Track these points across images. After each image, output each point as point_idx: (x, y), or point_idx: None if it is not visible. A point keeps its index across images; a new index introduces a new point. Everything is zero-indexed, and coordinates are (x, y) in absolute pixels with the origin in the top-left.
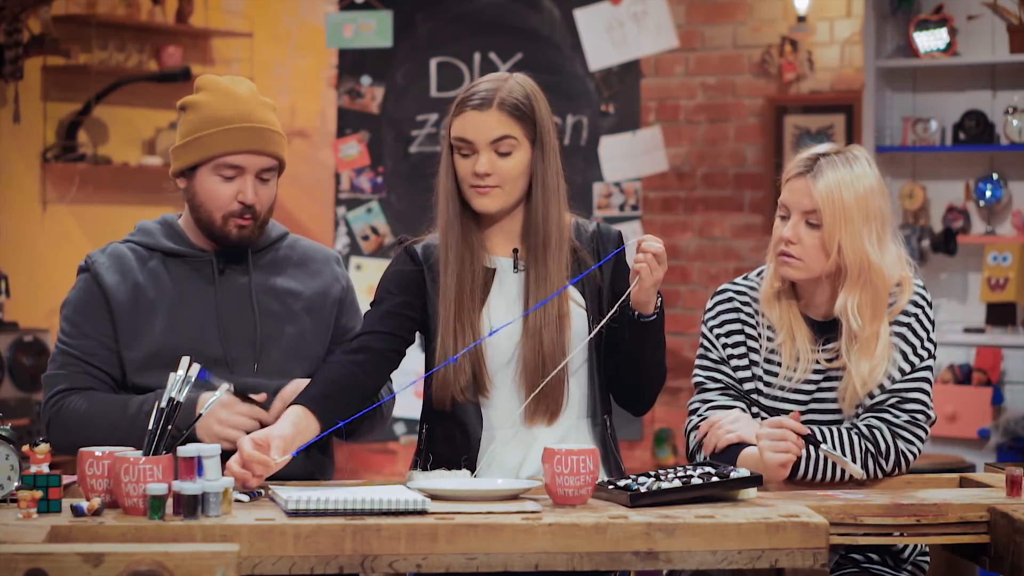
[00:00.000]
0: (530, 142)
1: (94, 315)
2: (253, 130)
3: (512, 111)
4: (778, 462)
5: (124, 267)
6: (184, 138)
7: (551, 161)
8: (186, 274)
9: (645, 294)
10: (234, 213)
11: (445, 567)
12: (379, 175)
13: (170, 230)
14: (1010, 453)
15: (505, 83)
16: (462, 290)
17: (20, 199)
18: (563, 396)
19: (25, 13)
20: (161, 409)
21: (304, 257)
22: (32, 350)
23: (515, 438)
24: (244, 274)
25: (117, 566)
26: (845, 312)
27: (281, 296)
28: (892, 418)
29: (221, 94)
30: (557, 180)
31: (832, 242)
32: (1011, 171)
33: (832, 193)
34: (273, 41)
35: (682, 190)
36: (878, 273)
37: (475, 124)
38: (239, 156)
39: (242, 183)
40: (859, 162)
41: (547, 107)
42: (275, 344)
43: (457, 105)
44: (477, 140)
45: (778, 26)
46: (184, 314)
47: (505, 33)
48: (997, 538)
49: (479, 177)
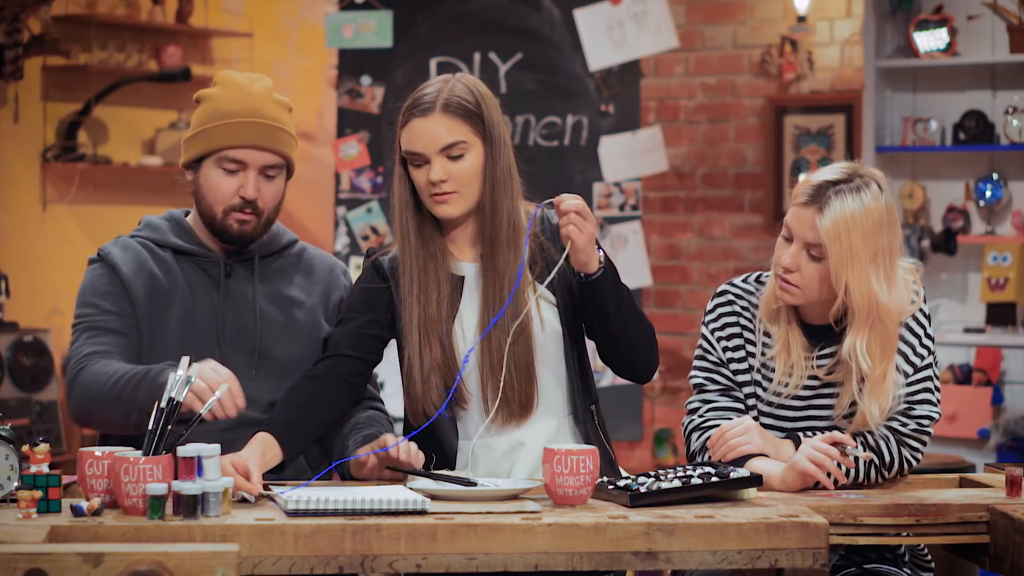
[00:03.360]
0: (481, 140)
1: (116, 296)
2: (258, 125)
3: (457, 111)
4: (809, 471)
5: (139, 260)
6: (193, 130)
7: (500, 156)
8: (195, 273)
9: (583, 254)
10: (235, 207)
11: (445, 567)
12: (379, 175)
13: (179, 227)
14: (1010, 453)
15: (447, 84)
16: (428, 304)
17: (20, 199)
18: (533, 395)
19: (25, 13)
20: (161, 409)
21: (309, 266)
22: (32, 350)
23: (492, 444)
24: (250, 280)
25: (117, 566)
26: (854, 354)
27: (284, 305)
28: (899, 427)
29: (234, 89)
30: (507, 175)
31: (839, 281)
32: (1011, 171)
33: (839, 231)
34: (273, 41)
35: (682, 190)
36: (886, 312)
37: (422, 132)
38: (241, 151)
39: (244, 178)
40: (869, 191)
41: (494, 102)
42: (273, 354)
43: (403, 115)
44: (427, 150)
45: (778, 26)
46: (193, 313)
47: (505, 33)
48: (997, 538)
49: (435, 185)
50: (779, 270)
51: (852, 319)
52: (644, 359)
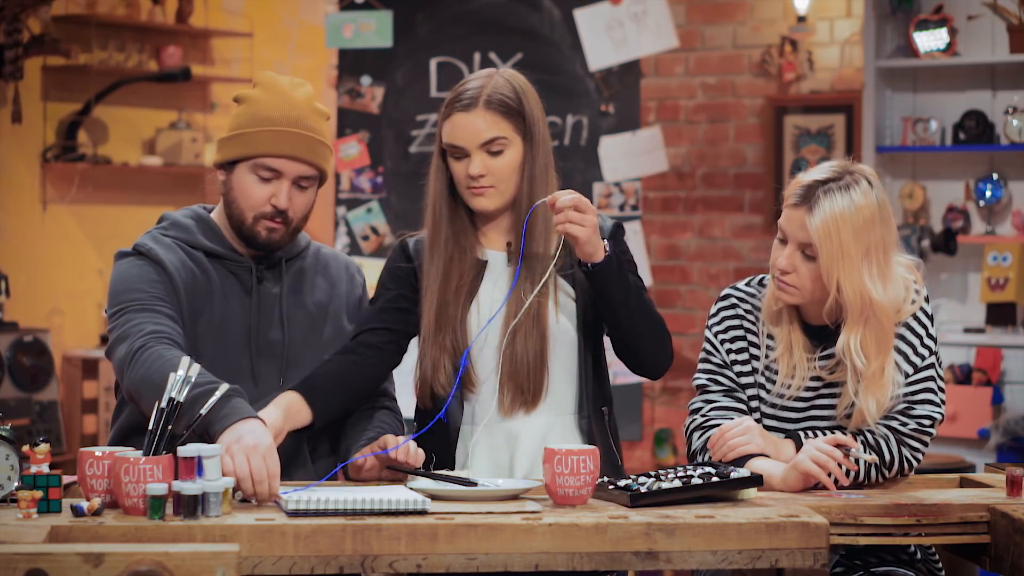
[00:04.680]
0: (521, 137)
1: (164, 285)
2: (298, 136)
3: (499, 108)
4: (811, 472)
5: (179, 257)
6: (231, 131)
7: (540, 154)
8: (227, 277)
9: (589, 245)
10: (265, 215)
11: (445, 567)
12: (379, 175)
13: (207, 228)
14: (1010, 453)
15: (491, 80)
16: (447, 288)
17: (20, 199)
18: (542, 386)
19: (25, 13)
20: (161, 409)
21: (325, 266)
22: (32, 350)
23: (496, 431)
24: (277, 285)
25: (117, 566)
26: (848, 351)
27: (308, 308)
28: (900, 426)
29: (275, 93)
30: (545, 172)
31: (831, 280)
32: (1011, 171)
33: (829, 229)
34: (273, 41)
35: (682, 190)
36: (880, 308)
37: (464, 127)
38: (279, 160)
39: (278, 187)
40: (859, 188)
41: (536, 99)
42: (301, 359)
43: (446, 107)
44: (467, 144)
45: (778, 26)
46: (227, 318)
47: (505, 33)
48: (997, 538)
49: (473, 179)
50: (776, 272)
51: (846, 317)
52: (651, 354)
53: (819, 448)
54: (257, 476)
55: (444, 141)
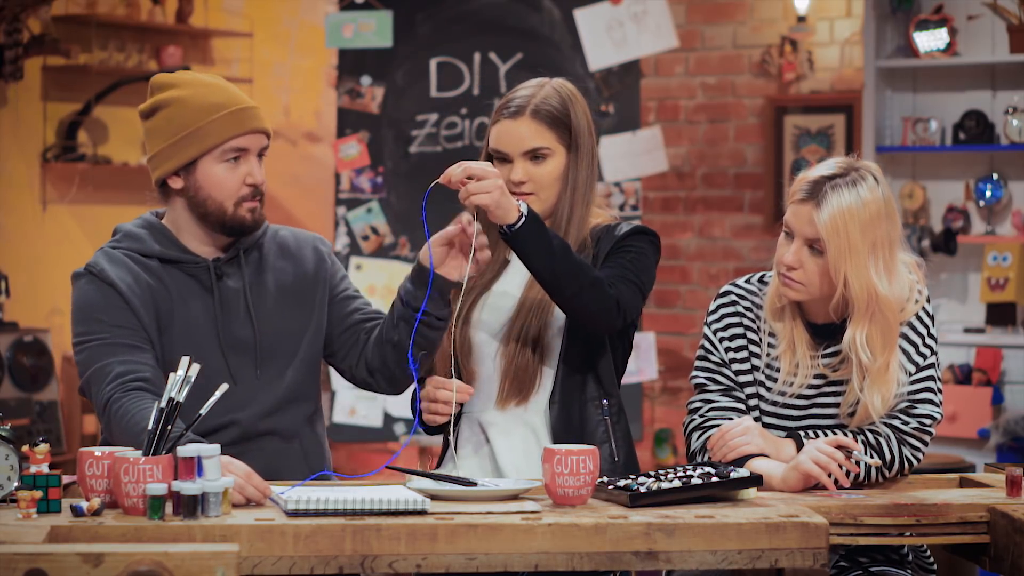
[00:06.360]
0: (565, 148)
1: (120, 310)
2: (249, 110)
3: (545, 118)
4: (812, 473)
5: (130, 270)
6: (174, 136)
7: (584, 165)
8: (184, 281)
9: (500, 209)
10: (245, 197)
11: (445, 567)
12: (379, 175)
13: (159, 234)
14: (1010, 453)
15: (541, 89)
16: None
17: (20, 199)
18: (536, 379)
19: (25, 13)
20: (161, 409)
21: (284, 247)
22: (32, 350)
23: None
24: (239, 279)
25: (117, 566)
26: (854, 346)
27: (272, 295)
28: (901, 425)
29: (199, 85)
30: (587, 183)
31: (838, 274)
32: (1011, 171)
33: (837, 225)
34: (273, 41)
35: (682, 190)
36: (886, 303)
37: (509, 134)
38: (244, 138)
39: (247, 165)
40: (865, 183)
41: (584, 110)
42: (273, 349)
43: (495, 113)
44: (511, 150)
45: (778, 26)
46: (192, 322)
47: (505, 33)
48: (997, 538)
49: (515, 185)
50: (782, 268)
51: (852, 311)
52: (585, 306)
53: (820, 449)
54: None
55: (491, 145)
